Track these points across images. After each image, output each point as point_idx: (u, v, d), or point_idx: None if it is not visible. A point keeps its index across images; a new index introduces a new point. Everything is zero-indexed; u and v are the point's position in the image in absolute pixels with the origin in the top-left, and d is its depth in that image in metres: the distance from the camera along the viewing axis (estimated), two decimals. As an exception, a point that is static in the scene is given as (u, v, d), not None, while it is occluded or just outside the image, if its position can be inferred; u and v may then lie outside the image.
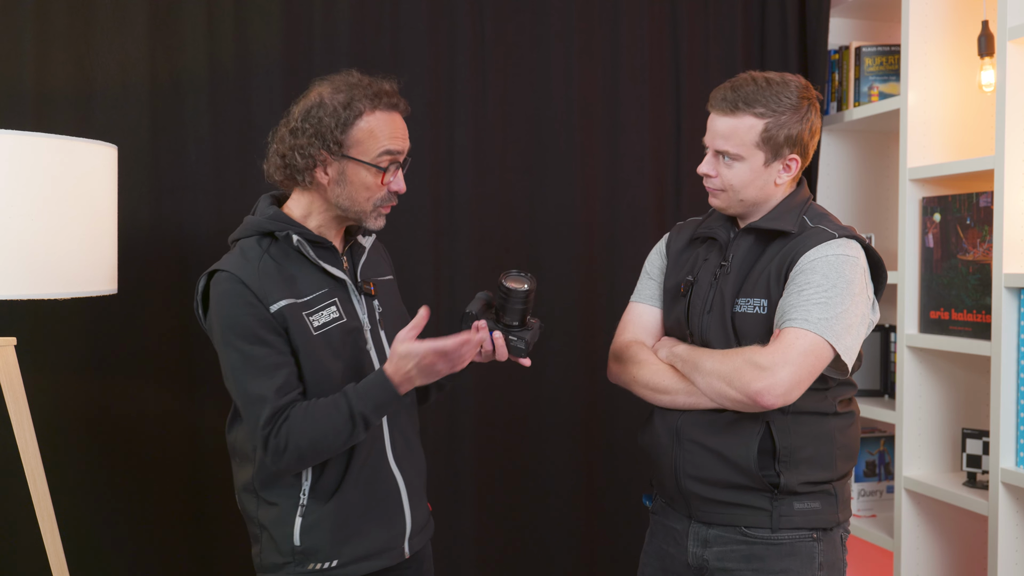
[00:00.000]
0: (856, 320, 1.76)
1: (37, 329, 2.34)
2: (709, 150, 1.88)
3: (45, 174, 1.86)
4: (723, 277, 1.87)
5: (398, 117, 1.79)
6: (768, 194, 1.86)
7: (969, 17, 2.65)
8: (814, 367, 1.73)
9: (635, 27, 2.86)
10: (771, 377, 1.70)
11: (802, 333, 1.71)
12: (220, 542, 2.49)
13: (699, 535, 1.88)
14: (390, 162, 1.75)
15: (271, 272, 1.71)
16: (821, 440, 1.83)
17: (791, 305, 1.74)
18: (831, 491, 1.85)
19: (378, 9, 2.63)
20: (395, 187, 1.77)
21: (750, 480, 1.80)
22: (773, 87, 1.81)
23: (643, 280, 2.05)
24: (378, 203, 1.77)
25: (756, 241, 1.87)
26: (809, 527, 1.83)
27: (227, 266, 1.72)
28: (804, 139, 1.84)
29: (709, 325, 1.86)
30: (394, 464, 1.82)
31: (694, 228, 2.00)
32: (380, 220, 1.79)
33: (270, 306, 1.69)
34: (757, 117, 1.81)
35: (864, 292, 1.79)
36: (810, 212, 1.87)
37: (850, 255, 1.78)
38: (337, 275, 1.78)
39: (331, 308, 1.75)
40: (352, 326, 1.78)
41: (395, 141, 1.76)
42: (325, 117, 1.72)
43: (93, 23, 2.39)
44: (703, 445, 1.83)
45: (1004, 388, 2.28)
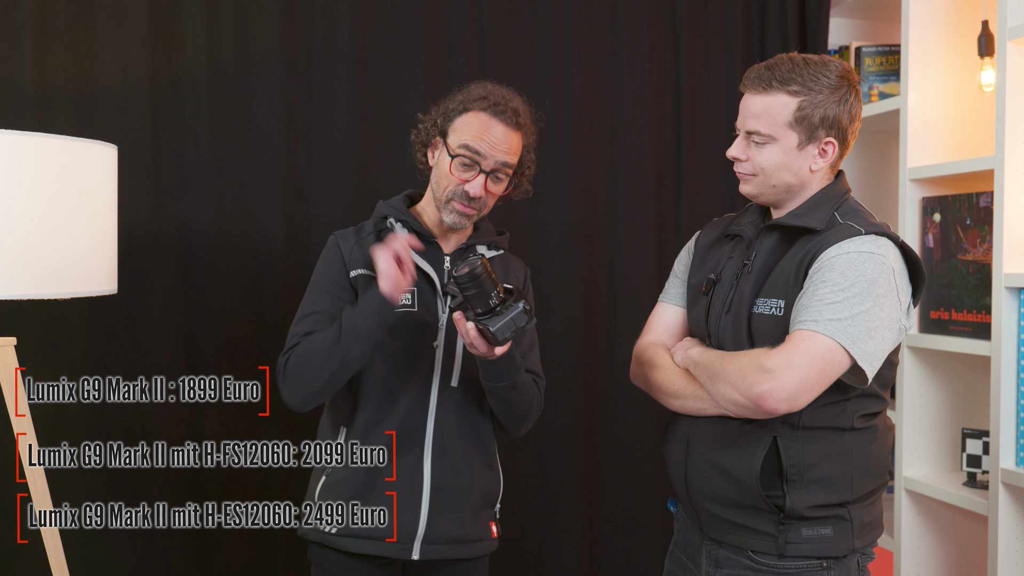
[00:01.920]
0: (880, 324, 1.61)
1: (37, 329, 2.34)
2: (740, 133, 1.75)
3: (45, 174, 1.86)
4: (744, 277, 1.75)
5: (499, 126, 1.86)
6: (803, 181, 1.73)
7: (969, 17, 2.65)
8: (824, 371, 1.59)
9: (635, 27, 2.86)
10: (776, 379, 1.57)
11: (812, 335, 1.58)
12: (221, 542, 2.49)
13: (711, 554, 1.78)
14: (468, 158, 1.84)
15: (367, 247, 1.88)
16: (835, 459, 1.68)
17: (803, 306, 1.62)
18: (845, 515, 1.70)
19: (378, 9, 2.63)
20: (467, 186, 1.84)
21: (753, 500, 1.68)
22: (811, 66, 1.69)
23: (671, 279, 1.96)
24: (450, 195, 1.86)
25: (781, 239, 1.74)
26: (818, 556, 1.69)
27: (340, 232, 1.97)
28: (843, 122, 1.70)
29: (725, 327, 1.75)
30: (428, 463, 1.85)
31: (726, 225, 1.89)
32: (453, 216, 1.88)
33: (351, 271, 1.88)
34: (791, 95, 1.68)
35: (892, 294, 1.63)
36: (843, 208, 1.74)
37: (876, 252, 1.63)
38: (423, 268, 1.87)
39: (406, 295, 1.85)
40: (423, 319, 1.87)
41: (478, 141, 1.85)
42: (445, 106, 1.92)
43: (93, 23, 2.39)
44: (709, 458, 1.73)
45: (1004, 388, 2.27)
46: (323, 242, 2.55)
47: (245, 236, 2.53)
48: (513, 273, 2.02)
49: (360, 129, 2.61)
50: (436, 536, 1.84)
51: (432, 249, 1.92)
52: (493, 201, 1.94)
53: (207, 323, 2.50)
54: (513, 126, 1.87)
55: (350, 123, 2.61)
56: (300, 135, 2.58)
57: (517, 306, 1.72)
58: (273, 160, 2.55)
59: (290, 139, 2.57)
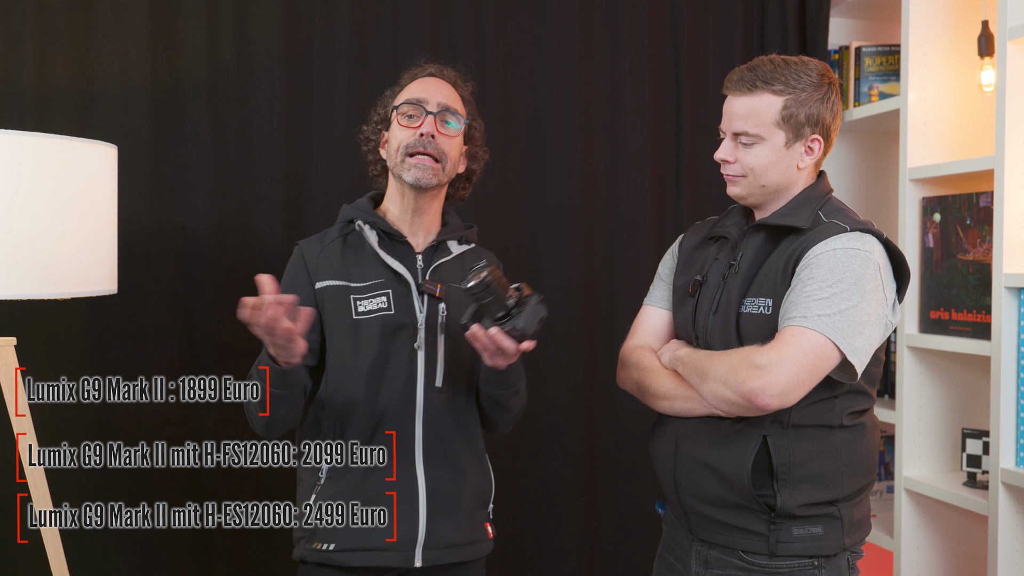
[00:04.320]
0: (868, 319, 1.63)
1: (37, 329, 2.34)
2: (726, 135, 1.78)
3: (45, 174, 1.86)
4: (732, 277, 1.77)
5: (428, 78, 1.90)
6: (791, 179, 1.76)
7: (969, 17, 2.65)
8: (815, 367, 1.61)
9: (635, 27, 2.86)
10: (767, 375, 1.58)
11: (801, 331, 1.60)
12: (221, 543, 2.49)
13: (701, 555, 1.79)
14: (411, 104, 1.86)
15: (333, 255, 1.86)
16: (825, 457, 1.69)
17: (792, 303, 1.64)
18: (835, 514, 1.71)
19: (378, 9, 2.63)
20: (420, 129, 1.84)
21: (744, 499, 1.69)
22: (792, 66, 1.73)
23: (655, 282, 1.99)
24: (404, 150, 1.85)
25: (767, 239, 1.77)
26: (809, 555, 1.70)
27: (304, 241, 1.93)
28: (826, 120, 1.74)
29: (714, 327, 1.76)
30: (421, 467, 1.82)
31: (710, 227, 1.91)
32: (414, 171, 1.85)
33: (316, 283, 1.84)
34: (776, 94, 1.71)
35: (879, 290, 1.66)
36: (827, 207, 1.77)
37: (861, 249, 1.65)
38: (396, 268, 1.83)
39: (381, 298, 1.82)
40: (401, 321, 1.83)
41: (418, 91, 1.87)
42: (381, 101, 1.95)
43: (93, 23, 2.39)
44: (698, 459, 1.73)
45: (1004, 388, 2.28)
46: (323, 242, 2.57)
47: (245, 236, 2.53)
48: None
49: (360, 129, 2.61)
50: (436, 541, 1.81)
51: (402, 248, 1.88)
52: (454, 152, 1.90)
53: (207, 323, 2.49)
54: (440, 77, 1.92)
55: (350, 123, 2.60)
56: (300, 135, 2.58)
57: (532, 299, 1.71)
58: (273, 160, 2.55)
59: (290, 139, 2.56)
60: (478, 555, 1.90)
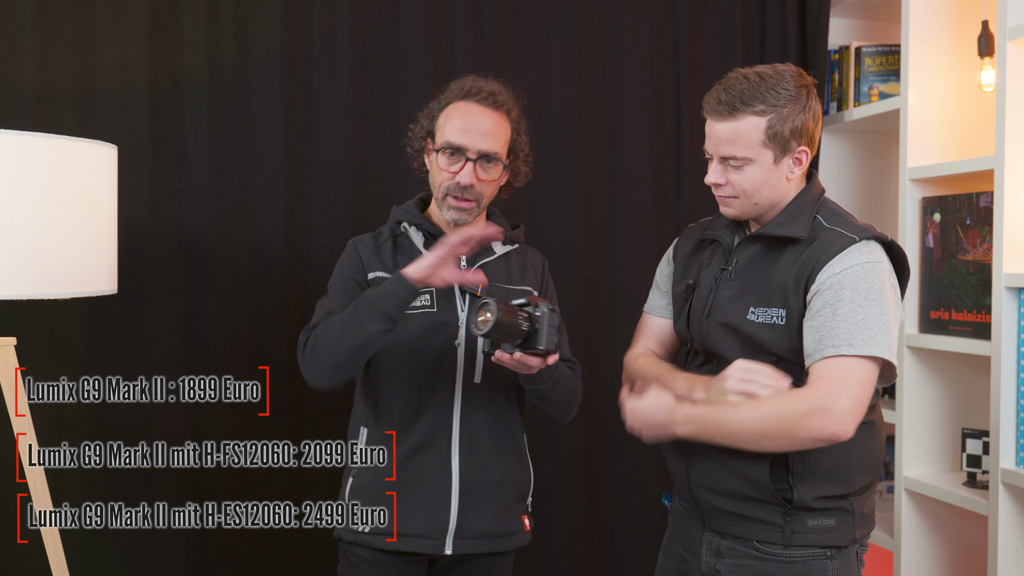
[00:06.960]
0: (894, 324, 1.69)
1: (37, 329, 2.34)
2: (713, 159, 1.78)
3: (45, 174, 1.86)
4: (724, 282, 1.80)
5: (477, 108, 1.91)
6: (783, 192, 1.77)
7: (969, 17, 2.65)
8: (871, 387, 1.66)
9: (635, 27, 2.86)
10: (841, 417, 1.61)
11: (852, 362, 1.63)
12: (221, 542, 2.49)
13: (712, 544, 1.81)
14: (451, 149, 1.88)
15: (385, 252, 1.95)
16: (838, 453, 1.72)
17: (829, 328, 1.65)
18: (848, 507, 1.76)
19: (378, 9, 2.63)
20: (458, 177, 1.87)
21: (762, 493, 1.73)
22: (767, 81, 1.71)
23: (653, 289, 2.02)
24: (444, 191, 1.90)
25: (764, 248, 1.78)
26: (822, 545, 1.74)
27: (358, 238, 2.01)
28: (810, 128, 1.75)
29: (708, 331, 1.79)
30: (456, 459, 1.88)
31: (702, 230, 1.93)
32: (451, 212, 1.91)
33: (369, 273, 1.92)
34: (759, 115, 1.70)
35: (894, 295, 1.71)
36: (823, 211, 1.78)
37: (875, 261, 1.69)
38: None
39: (425, 296, 1.89)
40: (443, 319, 1.89)
41: (459, 133, 1.88)
42: (428, 109, 1.98)
43: (93, 23, 2.39)
44: (715, 455, 1.74)
45: (1004, 388, 2.28)
46: (323, 242, 2.57)
47: (245, 236, 2.53)
48: (531, 266, 2.06)
49: (360, 129, 2.61)
50: (468, 531, 1.88)
51: None
52: (491, 190, 1.96)
53: (207, 323, 2.49)
54: (491, 106, 1.92)
55: (350, 123, 2.61)
56: (300, 135, 2.58)
57: (542, 312, 1.75)
58: (273, 160, 2.55)
59: (290, 139, 2.56)
60: (512, 547, 1.97)
